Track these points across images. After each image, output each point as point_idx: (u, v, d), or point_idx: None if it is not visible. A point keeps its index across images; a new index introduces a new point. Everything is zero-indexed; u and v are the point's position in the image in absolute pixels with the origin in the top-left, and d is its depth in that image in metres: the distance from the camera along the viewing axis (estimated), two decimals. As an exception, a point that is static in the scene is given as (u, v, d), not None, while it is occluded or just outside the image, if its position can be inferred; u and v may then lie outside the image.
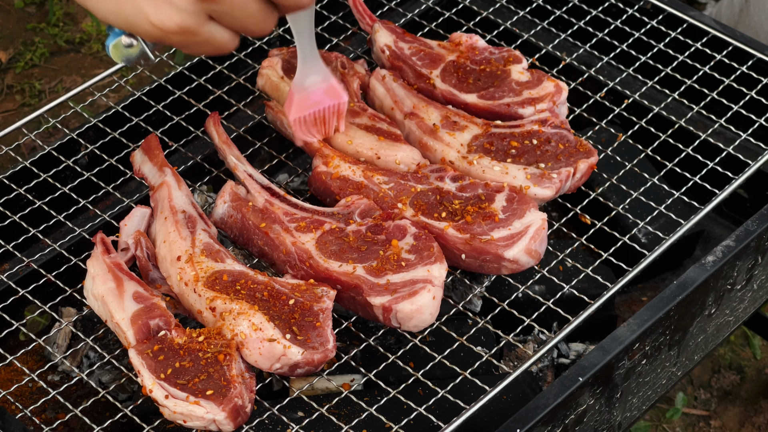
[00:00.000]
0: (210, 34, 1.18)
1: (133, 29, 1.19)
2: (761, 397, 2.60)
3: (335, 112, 1.61)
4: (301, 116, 1.59)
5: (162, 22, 1.15)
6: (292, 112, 1.59)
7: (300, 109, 1.58)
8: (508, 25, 1.94)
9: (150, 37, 1.19)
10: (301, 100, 1.58)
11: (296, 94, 1.58)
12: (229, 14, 1.17)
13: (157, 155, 1.62)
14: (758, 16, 2.69)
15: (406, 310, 1.41)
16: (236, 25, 1.19)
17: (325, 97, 1.59)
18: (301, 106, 1.58)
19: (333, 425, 1.42)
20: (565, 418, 1.46)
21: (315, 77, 1.57)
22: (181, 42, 1.18)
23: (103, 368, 1.62)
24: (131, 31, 1.20)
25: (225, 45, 1.20)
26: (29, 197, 1.67)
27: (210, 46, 1.20)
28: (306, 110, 1.59)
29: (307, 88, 1.57)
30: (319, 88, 1.58)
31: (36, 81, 3.29)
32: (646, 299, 1.86)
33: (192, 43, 1.18)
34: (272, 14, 1.20)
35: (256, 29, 1.20)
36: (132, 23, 1.18)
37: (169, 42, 1.19)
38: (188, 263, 1.47)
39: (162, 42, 1.20)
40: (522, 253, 1.48)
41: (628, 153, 1.79)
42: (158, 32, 1.17)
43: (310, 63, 1.56)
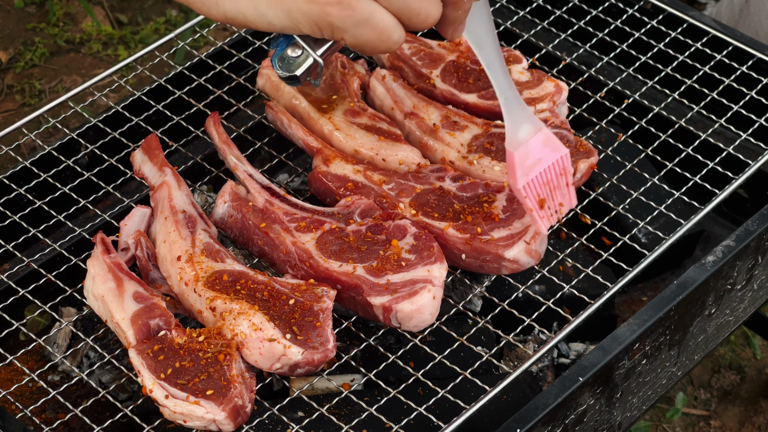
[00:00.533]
0: (369, 12, 1.10)
1: (291, 17, 1.11)
2: (761, 397, 2.60)
3: (561, 170, 1.35)
4: (529, 180, 1.32)
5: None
6: (518, 176, 1.31)
7: (525, 171, 1.31)
8: (508, 25, 1.94)
9: (308, 19, 1.11)
10: (523, 159, 1.31)
11: (515, 152, 1.31)
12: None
13: (157, 155, 1.62)
14: (758, 16, 2.69)
15: (406, 310, 1.41)
16: (397, 3, 1.11)
17: (546, 151, 1.33)
18: (525, 166, 1.31)
19: (333, 425, 1.42)
20: (565, 418, 1.46)
21: (527, 126, 1.34)
22: (340, 18, 1.10)
23: (103, 368, 1.62)
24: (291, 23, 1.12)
25: (388, 29, 1.12)
26: (29, 197, 1.67)
27: (372, 30, 1.11)
28: (532, 172, 1.33)
29: (522, 142, 1.33)
30: (537, 140, 1.34)
31: (36, 81, 3.29)
32: (646, 299, 1.86)
33: (351, 21, 1.10)
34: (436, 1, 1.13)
35: (422, 11, 1.11)
36: (289, 9, 1.11)
37: (328, 20, 1.11)
38: (188, 263, 1.47)
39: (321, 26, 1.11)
40: (522, 253, 1.48)
41: (628, 153, 1.79)
42: (315, 8, 1.10)
43: (515, 106, 1.33)
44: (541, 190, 1.37)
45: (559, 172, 1.38)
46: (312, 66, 1.20)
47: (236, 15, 1.14)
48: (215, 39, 1.42)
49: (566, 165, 1.37)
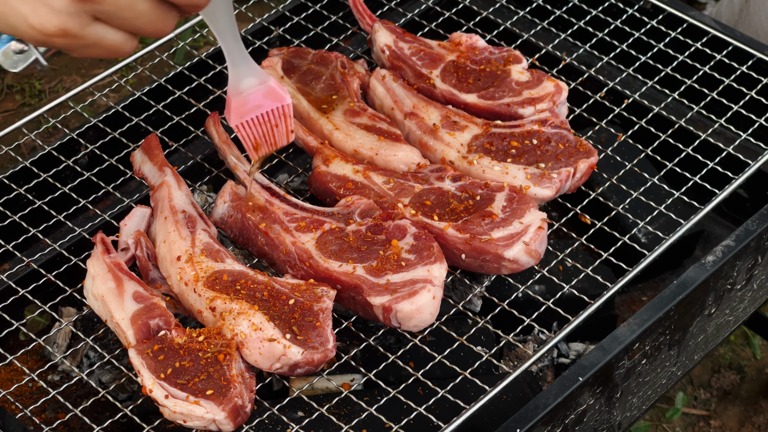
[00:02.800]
0: (98, 37, 1.10)
1: (16, 33, 1.11)
2: (761, 397, 2.60)
3: (281, 115, 1.50)
4: (243, 121, 1.47)
5: (41, 25, 1.08)
6: (231, 117, 1.47)
7: (240, 114, 1.47)
8: (508, 25, 1.94)
9: (33, 40, 1.11)
10: (240, 105, 1.47)
11: (233, 98, 1.47)
12: (116, 15, 1.09)
13: (157, 155, 1.62)
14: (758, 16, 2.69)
15: (406, 310, 1.41)
16: (127, 26, 1.10)
17: (266, 101, 1.48)
18: (241, 110, 1.47)
19: (333, 425, 1.42)
20: (565, 418, 1.46)
21: (250, 80, 1.46)
22: (67, 45, 1.10)
23: (103, 368, 1.62)
24: (14, 34, 1.12)
25: (119, 47, 1.12)
26: (29, 197, 1.67)
27: (101, 49, 1.11)
28: (246, 115, 1.47)
29: (243, 92, 1.46)
30: (257, 91, 1.47)
31: (36, 81, 3.29)
32: (646, 299, 1.86)
33: (79, 46, 1.10)
34: (169, 13, 1.12)
35: (150, 29, 1.11)
36: (13, 26, 1.10)
37: (54, 45, 1.11)
38: (188, 263, 1.47)
39: (47, 46, 1.12)
40: (522, 253, 1.48)
41: (628, 153, 1.79)
42: (39, 36, 1.09)
43: (241, 65, 1.45)
44: (256, 129, 1.49)
45: (278, 117, 1.49)
46: (33, 62, 1.20)
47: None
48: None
49: (287, 112, 1.49)
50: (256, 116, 1.48)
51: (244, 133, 1.49)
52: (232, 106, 1.48)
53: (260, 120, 1.49)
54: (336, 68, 1.74)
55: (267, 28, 1.93)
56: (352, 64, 1.76)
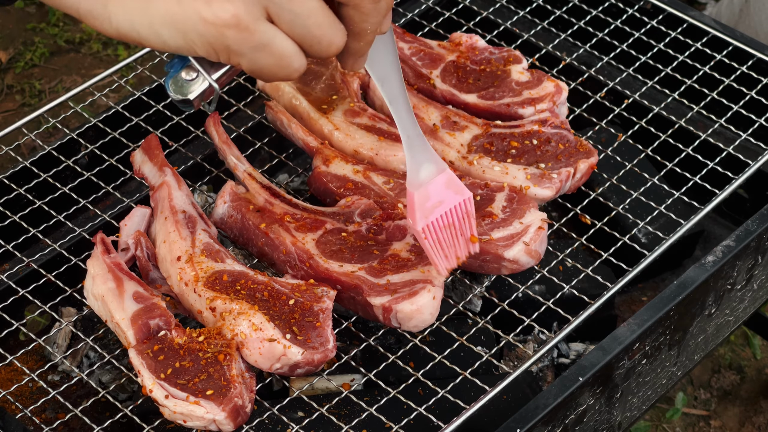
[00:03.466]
0: (269, 37, 1.06)
1: (186, 37, 1.07)
2: (761, 397, 2.60)
3: (465, 213, 1.33)
4: (429, 223, 1.29)
5: (215, 14, 1.04)
6: (417, 218, 1.28)
7: (425, 213, 1.28)
8: (508, 25, 1.94)
9: (203, 41, 1.07)
10: (423, 200, 1.28)
11: (415, 192, 1.29)
12: (287, 9, 1.06)
13: (157, 155, 1.62)
14: (758, 16, 2.69)
15: (406, 310, 1.41)
16: (298, 28, 1.07)
17: (448, 193, 1.30)
18: (425, 208, 1.28)
19: (333, 425, 1.42)
20: (565, 418, 1.46)
21: (429, 166, 1.31)
22: (237, 41, 1.06)
23: (103, 368, 1.62)
24: (185, 43, 1.08)
25: (288, 56, 1.08)
26: (29, 197, 1.67)
27: (270, 55, 1.07)
28: (432, 214, 1.30)
29: (423, 183, 1.29)
30: (439, 181, 1.31)
31: (36, 81, 3.29)
32: (646, 299, 1.86)
33: (248, 45, 1.06)
34: (337, 24, 1.08)
35: (323, 39, 1.07)
36: (184, 29, 1.07)
37: (224, 43, 1.06)
38: (188, 263, 1.47)
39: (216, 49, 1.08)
40: (522, 253, 1.48)
41: (628, 153, 1.79)
42: (212, 29, 1.05)
43: (417, 146, 1.29)
44: (442, 233, 1.34)
45: (461, 216, 1.35)
46: (207, 90, 1.16)
47: (130, 32, 1.09)
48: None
49: (469, 209, 1.34)
50: (440, 216, 1.31)
51: (431, 239, 1.31)
52: (416, 203, 1.28)
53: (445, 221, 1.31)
54: (336, 68, 1.74)
55: (267, 28, 1.93)
56: (352, 64, 1.76)
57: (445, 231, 1.33)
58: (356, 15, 1.10)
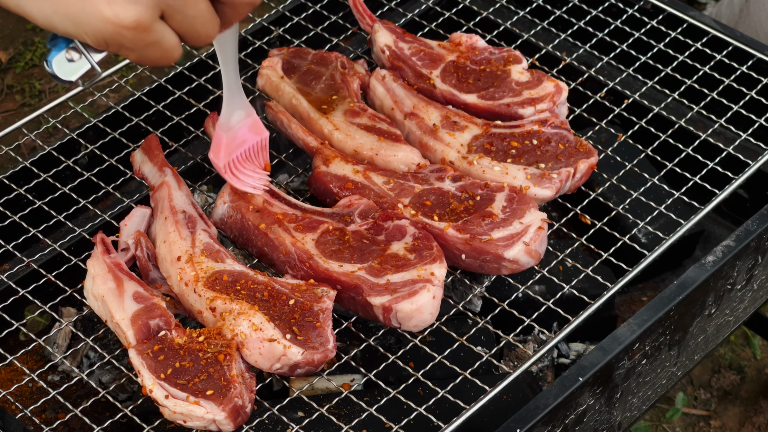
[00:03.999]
0: (160, 35, 1.13)
1: (79, 29, 1.11)
2: (761, 397, 2.60)
3: (262, 148, 1.53)
4: (232, 159, 1.49)
5: (117, 16, 1.09)
6: (221, 156, 1.49)
7: (229, 152, 1.48)
8: (508, 25, 1.94)
9: (98, 35, 1.11)
10: (230, 141, 1.48)
11: (224, 134, 1.48)
12: (181, 10, 1.12)
13: (157, 155, 1.62)
14: (758, 16, 2.69)
15: (406, 310, 1.41)
16: (186, 26, 1.14)
17: (250, 134, 1.50)
18: (230, 147, 1.48)
19: (333, 425, 1.42)
20: (565, 418, 1.46)
21: (240, 112, 1.49)
22: (133, 40, 1.12)
23: (103, 368, 1.62)
24: (76, 32, 1.12)
25: (172, 51, 1.15)
26: (29, 197, 1.67)
27: (157, 51, 1.14)
28: (234, 152, 1.49)
29: (233, 127, 1.48)
30: (244, 125, 1.49)
31: (36, 81, 3.29)
32: (646, 299, 1.86)
33: (142, 43, 1.13)
34: (215, 20, 1.17)
35: (203, 31, 1.16)
36: (79, 22, 1.11)
37: (119, 41, 1.12)
38: (188, 263, 1.47)
39: (109, 44, 1.12)
40: (522, 253, 1.48)
41: (628, 153, 1.79)
42: (110, 28, 1.10)
43: (236, 97, 1.46)
44: (241, 166, 1.52)
45: (258, 150, 1.53)
46: (88, 71, 1.20)
47: (15, 6, 1.13)
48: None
49: (265, 144, 1.53)
50: (241, 152, 1.51)
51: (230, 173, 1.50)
52: (223, 143, 1.47)
53: (244, 156, 1.51)
54: (336, 68, 1.74)
55: (267, 28, 1.94)
56: (352, 64, 1.76)
57: (243, 164, 1.52)
58: (231, 11, 1.19)
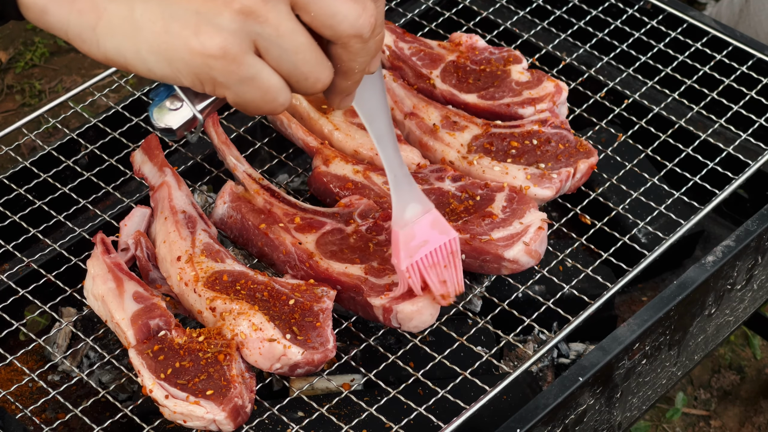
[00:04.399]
0: (255, 71, 1.06)
1: (173, 66, 1.06)
2: (761, 397, 2.60)
3: (451, 252, 1.33)
4: (413, 262, 1.30)
5: (203, 44, 1.04)
6: (402, 257, 1.29)
7: (410, 252, 1.29)
8: (508, 25, 1.94)
9: (189, 70, 1.06)
10: (408, 240, 1.29)
11: (400, 231, 1.29)
12: (275, 42, 1.05)
13: (157, 155, 1.62)
14: (758, 16, 2.69)
15: (407, 311, 1.41)
16: (286, 63, 1.06)
17: (433, 233, 1.31)
18: (410, 247, 1.29)
19: (333, 425, 1.42)
20: (565, 418, 1.46)
21: (415, 206, 1.32)
22: (223, 73, 1.05)
23: (103, 368, 1.62)
24: (171, 72, 1.07)
25: (273, 91, 1.07)
26: (29, 197, 1.67)
27: (255, 90, 1.07)
28: (417, 253, 1.30)
29: (408, 222, 1.30)
30: (424, 221, 1.31)
31: (36, 81, 3.29)
32: (646, 299, 1.86)
33: (235, 78, 1.06)
34: (325, 62, 1.08)
35: (311, 76, 1.07)
36: (171, 58, 1.06)
37: (210, 74, 1.06)
38: (188, 263, 1.47)
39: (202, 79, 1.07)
40: (522, 253, 1.48)
41: (628, 153, 1.79)
42: (198, 60, 1.05)
43: (404, 186, 1.29)
44: (428, 272, 1.34)
45: (446, 256, 1.35)
46: (190, 121, 1.15)
47: (117, 57, 1.09)
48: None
49: (455, 248, 1.34)
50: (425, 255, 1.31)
51: (415, 279, 1.32)
52: (401, 242, 1.28)
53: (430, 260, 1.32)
54: (336, 68, 1.74)
55: (267, 28, 1.93)
56: (352, 64, 1.76)
57: (430, 270, 1.34)
58: (344, 54, 1.10)
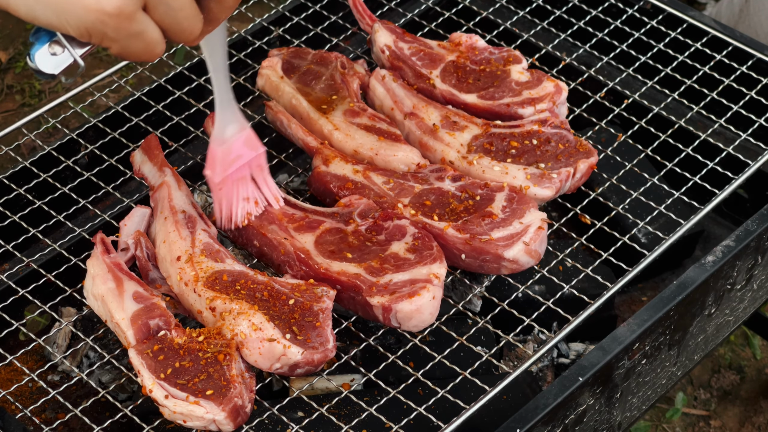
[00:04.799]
0: (143, 27, 1.11)
1: (62, 18, 1.10)
2: (761, 397, 2.60)
3: (258, 166, 1.47)
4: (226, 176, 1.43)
5: (99, 3, 1.07)
6: (217, 171, 1.43)
7: (225, 167, 1.42)
8: (508, 25, 1.94)
9: (80, 25, 1.10)
10: (224, 156, 1.42)
11: (218, 148, 1.43)
12: (164, 3, 1.11)
13: (157, 155, 1.62)
14: (758, 16, 2.69)
15: (406, 310, 1.41)
16: (169, 18, 1.12)
17: (245, 149, 1.44)
18: (225, 162, 1.42)
19: (333, 425, 1.42)
20: (565, 418, 1.46)
21: (233, 126, 1.44)
22: (116, 29, 1.10)
23: (103, 368, 1.62)
24: (59, 23, 1.10)
25: (155, 44, 1.13)
26: (29, 197, 1.67)
27: (140, 43, 1.12)
28: (230, 167, 1.44)
29: (227, 140, 1.43)
30: (239, 139, 1.44)
31: (36, 81, 3.29)
32: (646, 299, 1.86)
33: (125, 33, 1.11)
34: (200, 15, 1.15)
35: (186, 25, 1.13)
36: (62, 11, 1.09)
37: (102, 30, 1.10)
38: (188, 263, 1.47)
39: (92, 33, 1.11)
40: (522, 253, 1.48)
41: (628, 153, 1.79)
42: (92, 16, 1.09)
43: (228, 108, 1.42)
44: (237, 185, 1.47)
45: (255, 168, 1.47)
46: (71, 66, 1.18)
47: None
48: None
49: (262, 162, 1.47)
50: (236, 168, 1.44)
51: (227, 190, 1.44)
52: (218, 157, 1.41)
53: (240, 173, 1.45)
54: (336, 68, 1.74)
55: (267, 28, 1.94)
56: (352, 64, 1.76)
57: (241, 183, 1.46)
58: (216, 7, 1.16)
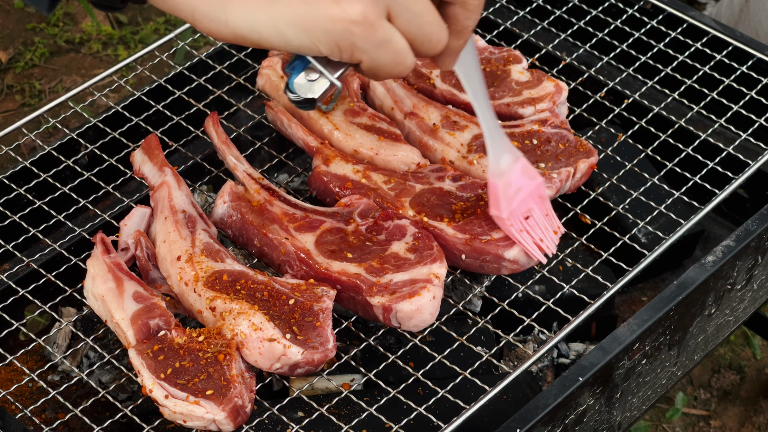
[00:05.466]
0: (389, 34, 1.11)
1: (312, 36, 1.10)
2: (761, 397, 2.60)
3: (540, 196, 1.38)
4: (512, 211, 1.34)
5: (344, 11, 1.08)
6: (502, 207, 1.33)
7: (508, 202, 1.32)
8: (508, 25, 1.94)
9: (329, 38, 1.09)
10: (505, 189, 1.33)
11: (497, 181, 1.33)
12: (406, 8, 1.11)
13: (157, 155, 1.62)
14: (758, 16, 2.70)
15: (406, 310, 1.41)
16: (413, 26, 1.12)
17: (524, 179, 1.35)
18: (507, 196, 1.33)
19: (333, 425, 1.42)
20: (565, 418, 1.46)
21: (507, 156, 1.36)
22: (363, 38, 1.10)
23: (103, 368, 1.62)
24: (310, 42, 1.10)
25: (403, 53, 1.12)
26: (29, 197, 1.67)
27: (388, 53, 1.12)
28: (513, 201, 1.34)
29: (504, 173, 1.35)
30: (515, 169, 1.36)
31: (36, 81, 3.29)
32: (646, 299, 1.86)
33: (372, 42, 1.10)
34: (443, 23, 1.14)
35: (433, 37, 1.13)
36: (310, 28, 1.09)
37: (350, 40, 1.10)
38: (188, 263, 1.47)
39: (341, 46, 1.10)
40: (522, 254, 1.48)
41: (628, 153, 1.79)
42: (339, 27, 1.09)
43: (498, 137, 1.34)
44: (522, 219, 1.39)
45: (535, 199, 1.41)
46: (328, 89, 1.18)
47: (249, 33, 1.11)
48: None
49: (542, 193, 1.40)
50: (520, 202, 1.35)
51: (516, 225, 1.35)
52: (500, 193, 1.32)
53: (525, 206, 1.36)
54: (336, 68, 1.74)
55: (267, 28, 1.93)
56: (352, 64, 1.76)
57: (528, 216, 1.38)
58: (462, 13, 1.15)
